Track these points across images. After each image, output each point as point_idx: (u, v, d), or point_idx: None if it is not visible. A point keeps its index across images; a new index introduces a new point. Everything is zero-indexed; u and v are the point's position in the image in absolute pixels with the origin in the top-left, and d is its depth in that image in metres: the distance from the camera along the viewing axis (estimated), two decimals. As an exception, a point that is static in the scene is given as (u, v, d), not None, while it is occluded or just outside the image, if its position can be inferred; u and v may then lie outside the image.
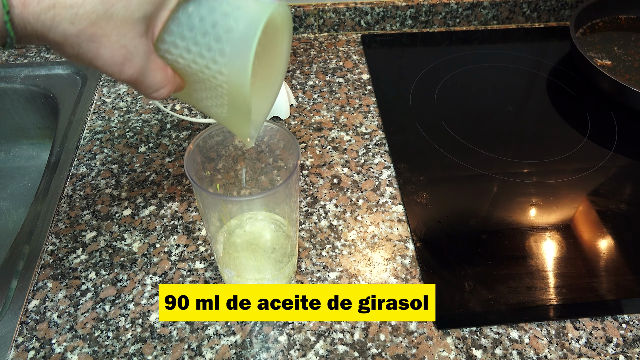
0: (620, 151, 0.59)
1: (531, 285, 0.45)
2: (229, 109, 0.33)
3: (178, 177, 0.55)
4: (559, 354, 0.41)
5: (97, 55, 0.27)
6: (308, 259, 0.48)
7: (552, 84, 0.69)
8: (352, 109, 0.64)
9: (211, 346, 0.41)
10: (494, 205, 0.53)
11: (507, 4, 0.76)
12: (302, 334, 0.42)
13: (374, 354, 0.41)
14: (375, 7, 0.74)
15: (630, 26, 0.75)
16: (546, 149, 0.59)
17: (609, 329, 0.43)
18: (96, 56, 0.27)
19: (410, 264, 0.47)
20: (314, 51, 0.73)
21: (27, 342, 0.42)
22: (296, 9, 0.73)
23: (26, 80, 0.67)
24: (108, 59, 0.27)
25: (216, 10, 0.29)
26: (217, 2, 0.29)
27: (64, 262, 0.47)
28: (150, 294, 0.45)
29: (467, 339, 0.42)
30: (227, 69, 0.30)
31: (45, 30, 0.25)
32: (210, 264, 0.47)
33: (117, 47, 0.27)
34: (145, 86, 0.30)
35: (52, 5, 0.24)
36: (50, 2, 0.24)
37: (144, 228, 0.50)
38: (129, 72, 0.29)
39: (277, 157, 0.42)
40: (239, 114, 0.32)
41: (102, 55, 0.27)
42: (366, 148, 0.59)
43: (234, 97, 0.31)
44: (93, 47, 0.26)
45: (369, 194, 0.54)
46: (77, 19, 0.25)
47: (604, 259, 0.48)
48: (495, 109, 0.65)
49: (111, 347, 0.41)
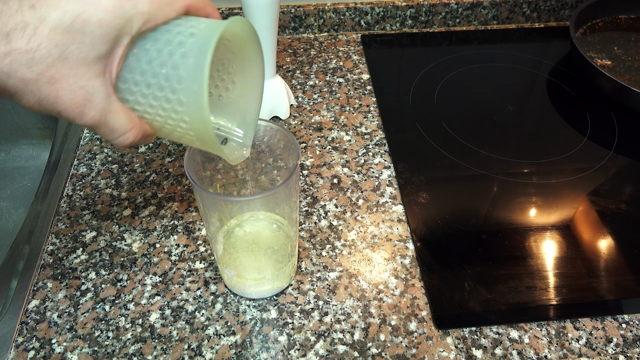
0: (620, 151, 0.59)
1: (531, 285, 0.45)
2: (201, 145, 0.33)
3: (178, 177, 0.55)
4: (559, 354, 0.41)
5: (57, 98, 0.27)
6: (308, 259, 0.48)
7: (552, 84, 0.69)
8: (352, 109, 0.64)
9: (211, 346, 0.41)
10: (494, 205, 0.53)
11: (507, 4, 0.76)
12: (302, 334, 0.42)
13: (374, 354, 0.41)
14: (375, 7, 0.74)
15: (630, 26, 0.75)
16: (546, 149, 0.59)
17: (609, 329, 0.43)
18: (57, 99, 0.27)
19: (410, 264, 0.47)
20: (314, 51, 0.73)
21: (27, 342, 0.42)
22: (296, 9, 0.73)
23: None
24: (68, 100, 0.27)
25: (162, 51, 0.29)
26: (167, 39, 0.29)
27: (64, 262, 0.47)
28: (150, 294, 0.45)
29: (467, 339, 0.42)
30: (188, 117, 0.30)
31: (4, 77, 0.25)
32: (210, 264, 0.47)
33: (75, 88, 0.27)
34: (109, 129, 0.30)
35: (8, 52, 0.25)
36: (5, 49, 0.25)
37: (144, 228, 0.50)
38: (91, 114, 0.28)
39: (277, 157, 0.42)
40: (213, 148, 0.33)
41: (62, 97, 0.27)
42: (366, 148, 0.59)
43: (203, 139, 0.31)
44: (52, 90, 0.27)
45: (369, 194, 0.54)
46: (33, 63, 0.25)
47: (604, 259, 0.48)
48: (495, 109, 0.65)
49: (111, 347, 0.41)
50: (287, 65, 0.71)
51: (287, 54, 0.72)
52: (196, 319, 0.43)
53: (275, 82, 0.59)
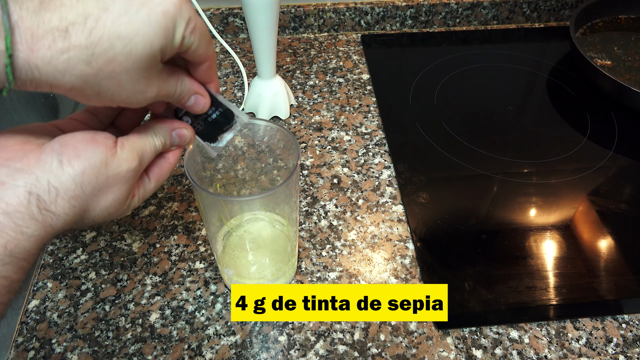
0: (620, 151, 0.59)
1: (531, 285, 0.45)
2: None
3: (178, 177, 0.55)
4: (559, 354, 0.41)
5: (120, 89, 0.26)
6: (308, 259, 0.48)
7: (552, 84, 0.69)
8: (352, 109, 0.64)
9: (211, 346, 0.41)
10: (494, 205, 0.53)
11: (507, 4, 0.76)
12: (302, 334, 0.42)
13: (374, 354, 0.41)
14: (375, 7, 0.74)
15: (630, 26, 0.75)
16: (546, 149, 0.59)
17: (609, 329, 0.43)
18: (119, 91, 0.26)
19: (410, 264, 0.47)
20: (314, 51, 0.73)
21: (27, 342, 0.42)
22: (296, 9, 0.73)
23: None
24: (130, 90, 0.26)
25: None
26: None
27: (64, 262, 0.47)
28: (150, 294, 0.45)
29: (467, 339, 0.42)
30: None
31: (59, 75, 0.24)
32: (210, 264, 0.47)
33: (138, 78, 0.26)
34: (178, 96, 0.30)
35: (66, 49, 0.23)
36: (63, 46, 0.23)
37: (144, 228, 0.50)
38: (151, 95, 0.28)
39: (277, 157, 0.42)
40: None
41: (124, 88, 0.26)
42: (366, 148, 0.59)
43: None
44: (114, 83, 0.25)
45: (369, 194, 0.54)
46: (93, 59, 0.24)
47: (604, 259, 0.48)
48: (495, 109, 0.65)
49: (111, 347, 0.41)
50: (287, 65, 0.70)
51: (287, 54, 0.72)
52: (196, 319, 0.43)
53: (275, 82, 0.59)
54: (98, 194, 0.27)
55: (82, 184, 0.26)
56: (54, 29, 0.23)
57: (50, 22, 0.23)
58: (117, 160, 0.28)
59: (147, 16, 0.24)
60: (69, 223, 0.27)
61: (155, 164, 0.32)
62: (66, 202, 0.26)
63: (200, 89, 0.31)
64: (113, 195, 0.28)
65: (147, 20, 0.24)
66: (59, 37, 0.23)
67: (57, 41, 0.23)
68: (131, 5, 0.24)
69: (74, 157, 0.26)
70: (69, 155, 0.26)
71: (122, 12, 0.24)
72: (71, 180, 0.26)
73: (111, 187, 0.28)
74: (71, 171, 0.26)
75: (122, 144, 0.29)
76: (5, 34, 0.22)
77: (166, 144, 0.32)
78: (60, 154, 0.26)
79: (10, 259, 0.24)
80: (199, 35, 0.28)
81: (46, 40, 0.23)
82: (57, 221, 0.26)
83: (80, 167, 0.26)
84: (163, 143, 0.31)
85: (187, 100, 0.31)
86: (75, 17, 0.23)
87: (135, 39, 0.24)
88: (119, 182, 0.28)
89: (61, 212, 0.26)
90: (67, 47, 0.23)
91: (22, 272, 0.25)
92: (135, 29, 0.24)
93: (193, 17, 0.27)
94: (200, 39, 0.28)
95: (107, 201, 0.28)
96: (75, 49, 0.23)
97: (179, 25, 0.26)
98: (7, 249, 0.24)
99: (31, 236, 0.25)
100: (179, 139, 0.32)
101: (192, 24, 0.27)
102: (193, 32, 0.27)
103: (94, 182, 0.27)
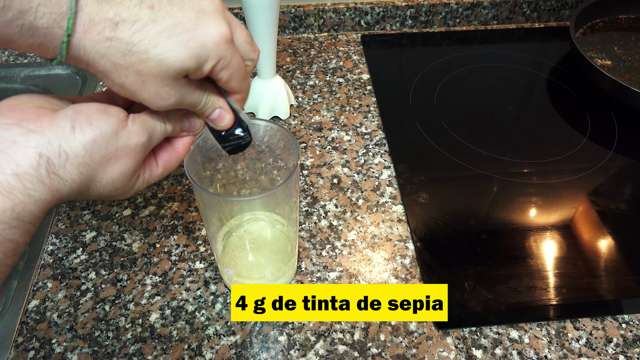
0: (620, 151, 0.59)
1: (531, 285, 0.45)
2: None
3: (178, 177, 0.55)
4: (559, 354, 0.41)
5: (143, 88, 0.28)
6: (308, 259, 0.48)
7: (552, 84, 0.69)
8: (352, 109, 0.64)
9: (211, 346, 0.41)
10: (494, 205, 0.53)
11: (507, 4, 0.76)
12: (302, 334, 0.42)
13: (374, 354, 0.41)
14: (375, 7, 0.74)
15: (630, 26, 0.75)
16: (546, 149, 0.59)
17: (609, 329, 0.43)
18: (142, 89, 0.28)
19: (410, 264, 0.47)
20: (314, 51, 0.73)
21: (27, 342, 0.42)
22: (296, 9, 0.73)
23: (26, 80, 0.67)
24: (153, 92, 0.28)
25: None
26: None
27: (64, 262, 0.47)
28: (150, 294, 0.45)
29: (467, 339, 0.42)
30: None
31: (98, 57, 0.26)
32: (210, 264, 0.47)
33: (161, 85, 0.28)
34: (202, 107, 0.32)
35: (110, 38, 0.26)
36: (109, 35, 0.26)
37: (144, 228, 0.50)
38: (170, 102, 0.29)
39: (277, 157, 0.42)
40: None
41: (147, 88, 0.28)
42: (366, 148, 0.59)
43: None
44: (139, 81, 0.27)
45: (369, 194, 0.54)
46: (128, 54, 0.26)
47: (604, 259, 0.48)
48: (495, 109, 0.65)
49: (111, 347, 0.41)
50: (287, 65, 0.70)
51: (287, 54, 0.72)
52: (196, 319, 0.43)
53: (275, 82, 0.59)
54: (106, 164, 0.28)
55: (91, 152, 0.27)
56: (107, 19, 0.26)
57: (107, 13, 0.26)
58: (127, 132, 0.29)
59: (187, 41, 0.27)
60: (75, 190, 0.28)
61: (165, 151, 0.34)
62: (74, 168, 0.27)
63: (224, 105, 0.33)
64: (120, 167, 0.29)
65: (184, 44, 0.27)
66: (108, 27, 0.26)
67: (106, 30, 0.26)
68: (177, 26, 0.27)
69: (87, 124, 0.27)
70: (82, 122, 0.27)
71: (167, 28, 0.27)
72: (81, 147, 0.27)
73: (119, 159, 0.29)
74: (82, 137, 0.27)
75: (133, 118, 0.30)
76: (70, 15, 0.25)
77: (176, 126, 0.33)
78: (73, 120, 0.27)
79: (17, 222, 0.25)
80: (231, 73, 0.30)
81: (99, 26, 0.26)
82: (64, 186, 0.27)
83: (91, 135, 0.27)
84: (173, 125, 0.32)
85: (211, 114, 0.33)
86: (127, 17, 0.26)
87: (168, 53, 0.27)
88: (128, 155, 0.29)
89: (69, 177, 0.27)
90: (111, 37, 0.26)
91: (27, 235, 0.26)
92: (171, 46, 0.27)
93: (229, 57, 0.29)
94: (232, 76, 0.30)
95: (114, 173, 0.29)
96: (117, 41, 0.26)
97: (211, 59, 0.28)
98: (15, 212, 0.25)
99: (38, 200, 0.26)
100: (189, 124, 0.33)
101: (224, 63, 0.29)
102: (224, 69, 0.29)
103: (103, 151, 0.28)
